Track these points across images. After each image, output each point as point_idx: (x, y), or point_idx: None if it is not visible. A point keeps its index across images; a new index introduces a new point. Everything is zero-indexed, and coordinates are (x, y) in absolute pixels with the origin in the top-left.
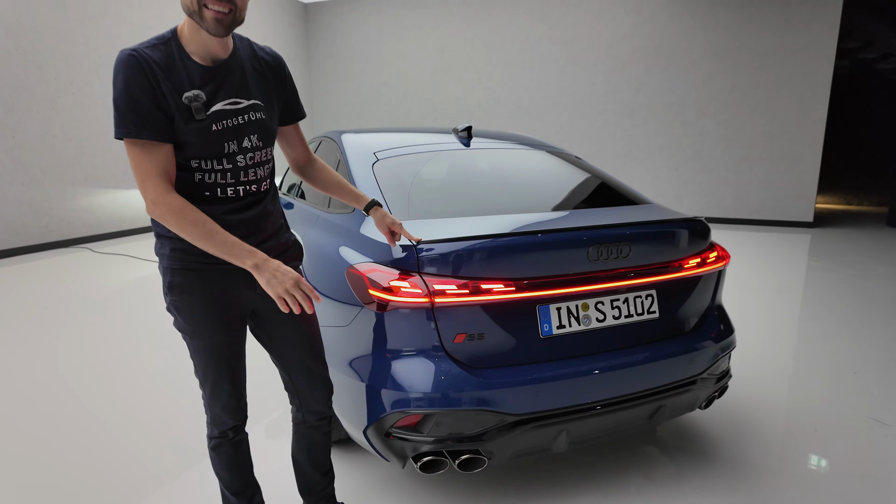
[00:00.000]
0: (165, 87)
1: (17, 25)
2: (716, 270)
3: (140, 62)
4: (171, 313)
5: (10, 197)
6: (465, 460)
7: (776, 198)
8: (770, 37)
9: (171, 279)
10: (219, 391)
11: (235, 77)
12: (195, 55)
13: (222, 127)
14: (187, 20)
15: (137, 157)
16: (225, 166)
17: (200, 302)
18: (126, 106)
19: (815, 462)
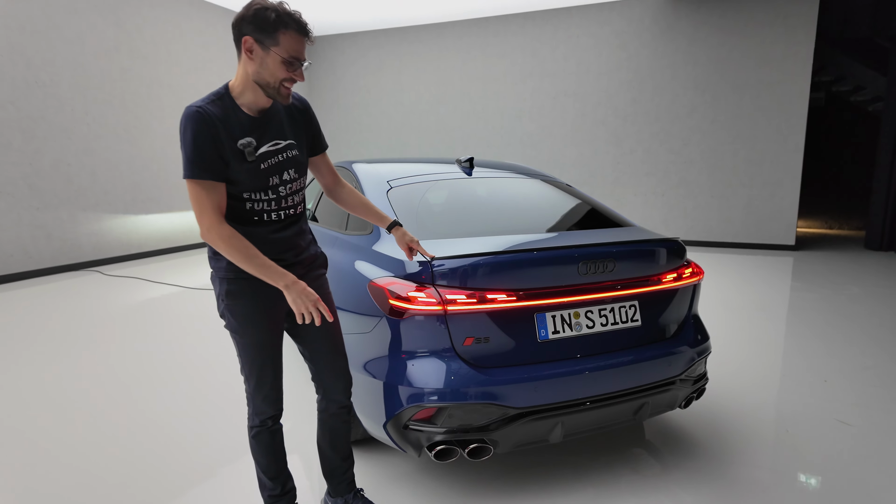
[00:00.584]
0: (223, 136)
1: (38, 59)
2: (691, 284)
3: (204, 117)
4: (223, 317)
5: (25, 221)
6: (473, 449)
7: (759, 222)
8: (748, 72)
9: (228, 287)
10: (262, 384)
11: (275, 123)
12: (244, 107)
13: (267, 165)
14: (244, 82)
15: (198, 193)
16: (270, 196)
17: (250, 305)
18: (193, 153)
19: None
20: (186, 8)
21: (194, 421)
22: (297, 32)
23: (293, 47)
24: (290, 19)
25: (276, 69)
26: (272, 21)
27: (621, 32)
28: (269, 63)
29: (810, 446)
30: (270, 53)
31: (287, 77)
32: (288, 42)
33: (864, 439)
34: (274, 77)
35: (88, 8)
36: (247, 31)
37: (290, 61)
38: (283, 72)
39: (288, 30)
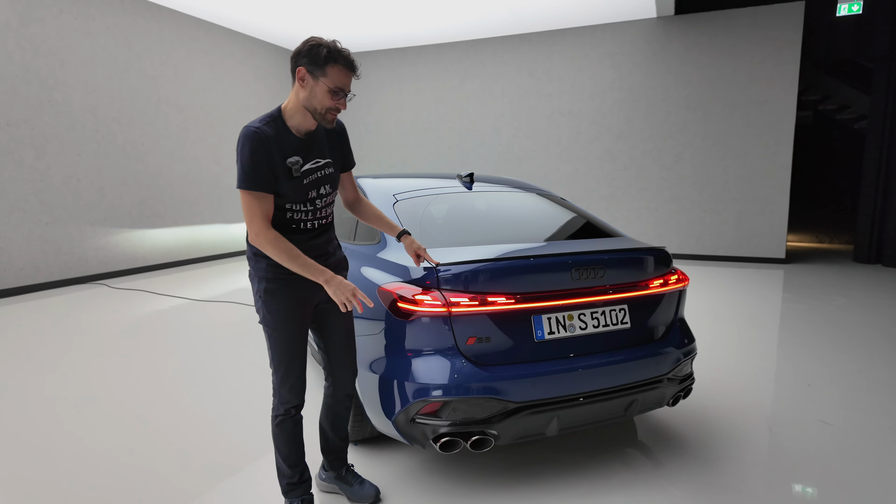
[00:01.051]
0: (276, 154)
1: (52, 80)
2: (677, 290)
3: (261, 137)
4: (260, 312)
5: (35, 236)
6: (475, 441)
7: (750, 236)
8: (737, 91)
9: (266, 286)
10: (288, 375)
11: (317, 143)
12: (293, 129)
13: (309, 181)
14: (294, 106)
15: (250, 202)
16: (308, 208)
17: (285, 303)
18: (249, 168)
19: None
20: (194, 29)
21: (205, 428)
22: (345, 67)
23: (339, 80)
24: (339, 56)
25: (323, 97)
26: (323, 56)
27: (614, 53)
28: (317, 92)
29: (792, 444)
30: (319, 83)
31: (332, 105)
32: (335, 75)
33: (843, 438)
34: (321, 104)
35: (100, 30)
36: (301, 63)
37: (335, 91)
38: (329, 100)
39: (336, 64)
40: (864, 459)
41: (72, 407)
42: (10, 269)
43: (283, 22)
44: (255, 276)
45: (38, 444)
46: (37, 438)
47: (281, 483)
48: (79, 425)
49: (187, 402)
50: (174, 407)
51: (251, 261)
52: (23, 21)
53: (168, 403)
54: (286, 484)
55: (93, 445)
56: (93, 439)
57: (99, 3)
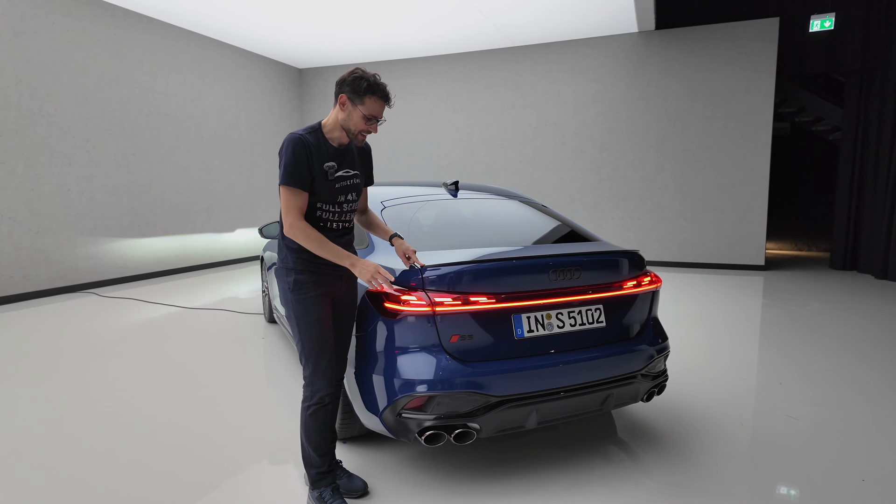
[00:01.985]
0: (315, 158)
1: (44, 90)
2: (650, 291)
3: (304, 142)
4: (288, 304)
5: (25, 245)
6: (458, 433)
7: (730, 244)
8: (715, 104)
9: (296, 277)
10: (320, 362)
11: (350, 156)
12: (331, 140)
13: (340, 186)
14: (333, 124)
15: (288, 197)
16: (335, 209)
17: (314, 291)
18: (291, 167)
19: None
20: (184, 42)
21: (198, 435)
22: (380, 99)
23: (374, 109)
24: (377, 89)
25: (358, 121)
26: (364, 88)
27: (597, 67)
28: (354, 116)
29: (760, 438)
30: (357, 110)
31: (365, 129)
32: (371, 105)
33: (808, 431)
34: (356, 127)
35: (92, 42)
36: (344, 91)
37: (369, 118)
38: (363, 124)
39: (374, 96)
40: (823, 450)
41: (60, 415)
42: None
43: (274, 34)
44: (283, 269)
45: (28, 452)
46: (27, 445)
47: (309, 473)
48: (68, 433)
49: (178, 410)
50: (165, 414)
51: (281, 253)
52: (15, 33)
53: (159, 411)
54: (315, 473)
55: (83, 452)
56: (83, 447)
57: (91, 16)
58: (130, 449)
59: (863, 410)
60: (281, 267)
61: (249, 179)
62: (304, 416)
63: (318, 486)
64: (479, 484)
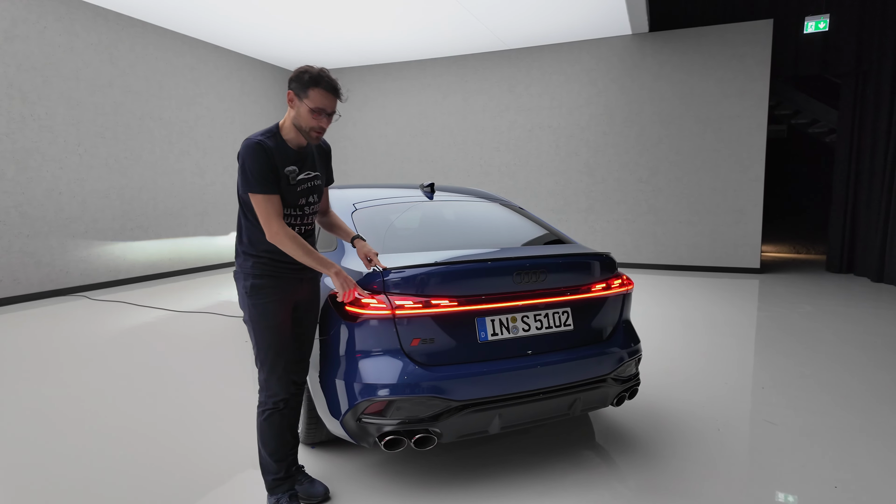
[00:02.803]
0: (277, 163)
1: (35, 95)
2: (620, 294)
3: (264, 148)
4: (245, 308)
5: (15, 248)
6: (419, 439)
7: (725, 247)
8: (709, 106)
9: (252, 282)
10: (275, 366)
11: (310, 157)
12: (289, 143)
13: (302, 189)
14: (289, 124)
15: (266, 205)
16: (297, 213)
17: (271, 296)
18: (259, 175)
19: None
20: (179, 45)
21: (188, 438)
22: (326, 90)
23: (320, 101)
24: (321, 80)
25: (307, 117)
26: (306, 80)
27: (591, 70)
28: (302, 112)
29: (736, 442)
30: (303, 104)
31: (315, 125)
32: (316, 96)
33: (785, 436)
34: (306, 123)
35: (85, 47)
36: (291, 87)
37: (316, 111)
38: (311, 120)
39: (318, 87)
40: (797, 456)
41: (50, 418)
42: None
43: (270, 37)
44: (242, 274)
45: (19, 454)
46: (17, 448)
47: (266, 479)
48: (57, 436)
49: (169, 413)
50: (156, 418)
51: (239, 259)
52: (6, 38)
53: (150, 414)
54: (272, 479)
55: (73, 455)
56: (73, 449)
57: (83, 21)
58: (116, 454)
59: (841, 416)
60: (239, 271)
61: None
62: (259, 421)
63: (275, 492)
64: (446, 490)
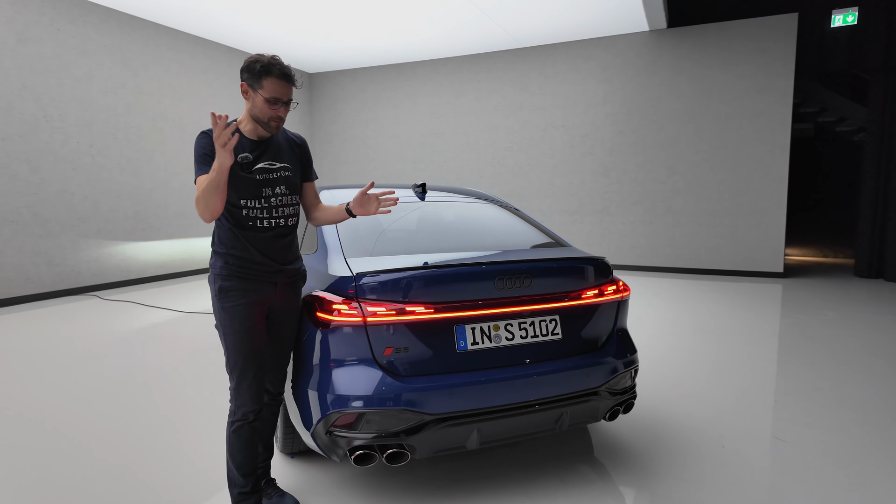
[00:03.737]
0: None
1: (48, 96)
2: (615, 301)
3: (206, 134)
4: (216, 313)
5: (27, 248)
6: (391, 454)
7: (745, 250)
8: (729, 103)
9: (221, 283)
10: (245, 375)
11: (273, 148)
12: (247, 134)
13: (262, 178)
14: (247, 116)
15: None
16: (262, 205)
17: (241, 299)
18: (200, 158)
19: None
20: (192, 46)
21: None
22: (279, 78)
23: (275, 90)
24: (273, 68)
25: (262, 107)
26: (258, 70)
27: (606, 67)
28: (257, 102)
29: (740, 460)
30: (258, 95)
31: (273, 114)
32: (270, 86)
33: (794, 454)
34: (263, 113)
35: (98, 49)
36: (244, 78)
37: (272, 101)
38: (268, 109)
39: (270, 76)
40: (806, 475)
41: (40, 418)
42: (1, 279)
43: (284, 39)
44: (212, 276)
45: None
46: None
47: (232, 493)
48: (50, 435)
49: (177, 413)
50: (164, 418)
51: (211, 260)
52: (20, 40)
53: (158, 414)
54: (238, 493)
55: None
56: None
57: (96, 23)
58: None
59: (859, 434)
60: (210, 273)
61: None
62: (228, 432)
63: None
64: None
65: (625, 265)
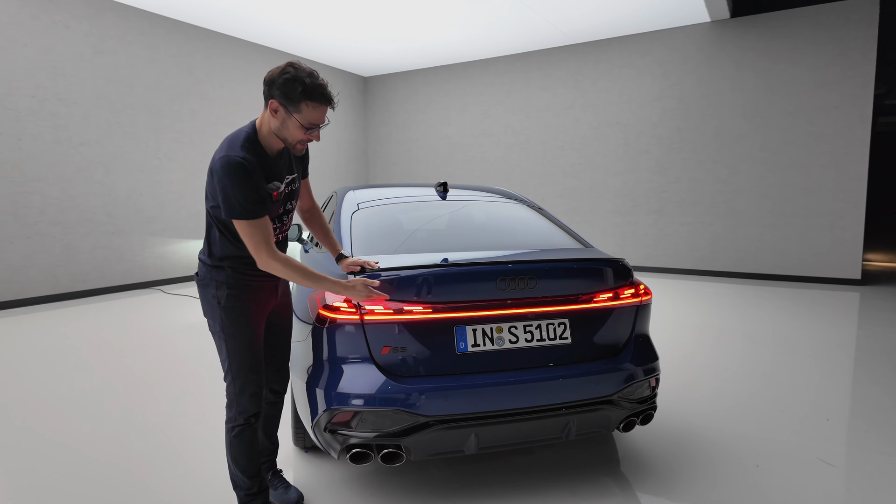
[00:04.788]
0: (260, 179)
1: (120, 104)
2: (632, 305)
3: (246, 168)
4: (216, 319)
5: (101, 245)
6: (386, 454)
7: (816, 254)
8: (800, 96)
9: (229, 292)
10: (248, 383)
11: (286, 161)
12: (266, 148)
13: (282, 197)
14: (268, 131)
15: (253, 230)
16: (276, 224)
17: (248, 309)
18: (245, 198)
19: None
20: (251, 53)
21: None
22: (321, 103)
23: (313, 116)
24: (316, 93)
25: (294, 131)
26: (298, 94)
27: (664, 61)
28: (289, 125)
29: (773, 483)
30: (292, 118)
31: (304, 138)
32: (309, 112)
33: (839, 479)
34: (293, 137)
35: (166, 59)
36: (275, 95)
37: (308, 127)
38: (300, 134)
39: (311, 101)
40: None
41: (118, 402)
42: (78, 273)
43: (339, 44)
44: (214, 282)
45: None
46: (84, 429)
47: (239, 495)
48: (123, 419)
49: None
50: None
51: (208, 268)
52: (96, 52)
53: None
54: (245, 495)
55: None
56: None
57: (164, 34)
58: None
59: None
60: (209, 279)
61: (313, 185)
62: (229, 437)
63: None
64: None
65: (682, 269)
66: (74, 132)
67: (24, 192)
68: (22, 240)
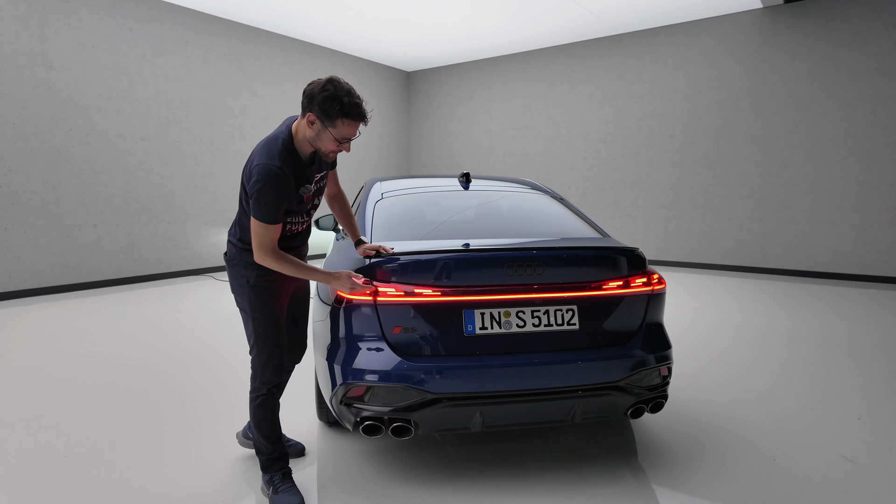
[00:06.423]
0: (293, 185)
1: (177, 100)
2: (643, 294)
3: (284, 177)
4: (244, 296)
5: (159, 233)
6: (395, 428)
7: (875, 252)
8: (859, 85)
9: (258, 271)
10: (273, 355)
11: (317, 163)
12: (301, 153)
13: (310, 195)
14: (303, 138)
15: (264, 233)
16: (304, 218)
17: (273, 290)
18: (272, 206)
19: None
20: (299, 52)
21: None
22: (355, 121)
23: (347, 132)
24: (352, 111)
25: (328, 143)
26: (336, 112)
27: (712, 51)
28: (324, 137)
29: (790, 477)
30: (327, 132)
31: (336, 149)
32: (344, 128)
33: (860, 477)
34: (326, 147)
35: (219, 57)
36: (313, 109)
37: (341, 141)
38: (333, 146)
39: (347, 119)
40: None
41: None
42: (139, 259)
43: (382, 39)
44: (244, 262)
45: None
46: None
47: (261, 459)
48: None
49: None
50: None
51: (239, 250)
52: (156, 53)
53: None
54: (266, 459)
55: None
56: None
57: (218, 35)
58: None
59: None
60: (239, 259)
61: (356, 177)
62: (253, 406)
63: (269, 470)
64: (439, 486)
65: (729, 265)
66: (136, 128)
67: (92, 184)
68: (90, 227)
